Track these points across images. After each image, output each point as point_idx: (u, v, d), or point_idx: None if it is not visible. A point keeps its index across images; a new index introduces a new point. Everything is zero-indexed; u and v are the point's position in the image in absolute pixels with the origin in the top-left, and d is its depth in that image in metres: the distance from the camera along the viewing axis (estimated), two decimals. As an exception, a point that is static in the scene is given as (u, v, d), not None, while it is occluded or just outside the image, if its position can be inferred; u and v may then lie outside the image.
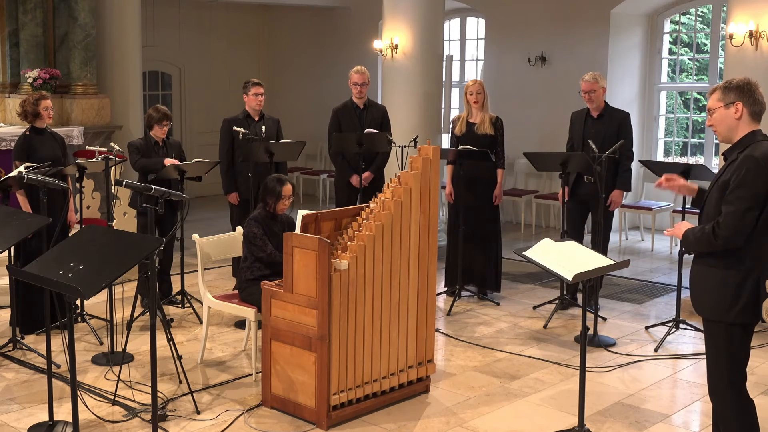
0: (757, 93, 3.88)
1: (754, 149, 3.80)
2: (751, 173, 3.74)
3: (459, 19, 12.44)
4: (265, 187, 5.92)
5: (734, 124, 3.88)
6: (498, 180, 7.53)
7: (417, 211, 5.21)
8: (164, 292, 7.19)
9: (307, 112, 13.24)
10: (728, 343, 3.90)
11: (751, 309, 3.84)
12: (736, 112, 3.87)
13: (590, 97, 7.16)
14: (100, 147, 8.79)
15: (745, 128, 3.88)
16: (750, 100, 3.86)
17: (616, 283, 8.24)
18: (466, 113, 7.54)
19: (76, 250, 4.23)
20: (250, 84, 7.51)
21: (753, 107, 3.87)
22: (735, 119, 3.87)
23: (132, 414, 5.03)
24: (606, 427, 5.01)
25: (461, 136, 7.46)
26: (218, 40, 13.54)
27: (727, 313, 3.85)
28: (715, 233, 3.79)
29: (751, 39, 7.10)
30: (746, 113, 3.87)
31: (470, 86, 7.48)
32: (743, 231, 3.77)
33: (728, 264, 3.84)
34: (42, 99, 6.64)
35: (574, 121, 7.43)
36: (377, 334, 5.08)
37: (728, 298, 3.84)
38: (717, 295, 3.87)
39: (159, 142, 7.14)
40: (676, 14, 11.01)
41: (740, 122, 3.87)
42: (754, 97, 3.87)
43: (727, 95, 3.89)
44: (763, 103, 3.90)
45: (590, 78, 7.17)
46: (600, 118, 7.22)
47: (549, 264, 4.49)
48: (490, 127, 7.43)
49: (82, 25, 9.77)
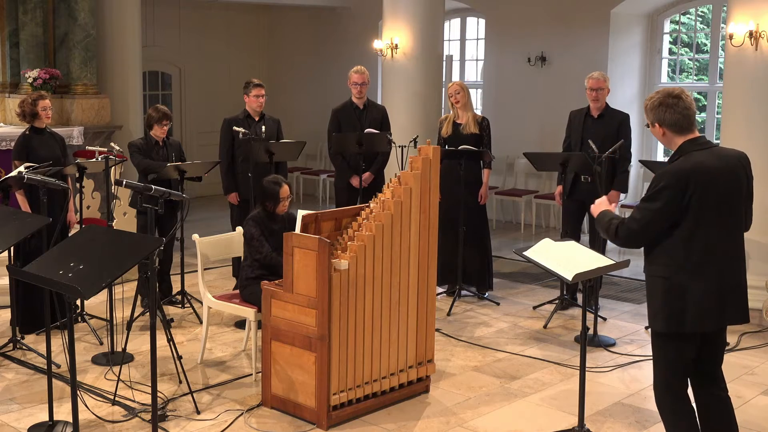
0: (676, 105, 3.83)
1: (679, 163, 3.82)
2: (664, 188, 3.78)
3: (459, 19, 12.44)
4: (262, 190, 5.90)
5: (665, 140, 3.94)
6: (484, 180, 7.54)
7: (417, 211, 5.22)
8: (164, 292, 7.19)
9: (307, 112, 13.25)
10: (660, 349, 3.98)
11: (675, 320, 3.85)
12: (660, 131, 3.91)
13: (597, 96, 7.14)
14: (100, 147, 8.79)
15: (677, 140, 3.90)
16: (668, 116, 3.85)
17: (616, 283, 8.25)
18: (453, 115, 7.59)
19: (76, 250, 4.23)
20: (251, 85, 7.50)
21: (673, 121, 3.85)
22: (662, 136, 3.92)
23: (132, 414, 5.03)
24: (606, 427, 5.01)
25: (448, 137, 7.50)
26: (218, 40, 13.54)
27: (654, 321, 3.93)
28: (617, 232, 3.95)
29: (751, 39, 7.10)
30: (668, 130, 3.89)
31: (450, 87, 7.57)
32: (640, 241, 3.92)
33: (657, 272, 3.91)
34: (40, 99, 6.63)
35: (572, 120, 7.41)
36: (377, 334, 5.08)
37: (656, 306, 3.91)
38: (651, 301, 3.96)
39: (159, 141, 7.14)
40: (676, 14, 11.01)
41: (668, 138, 3.91)
42: (673, 110, 3.84)
43: (648, 116, 3.94)
44: (685, 114, 3.84)
45: (599, 76, 7.17)
46: (600, 118, 7.21)
47: (549, 264, 4.49)
48: (476, 126, 7.46)
49: (82, 25, 9.77)
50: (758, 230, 5.60)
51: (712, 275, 3.83)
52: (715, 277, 3.83)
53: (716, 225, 3.83)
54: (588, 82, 7.19)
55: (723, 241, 3.86)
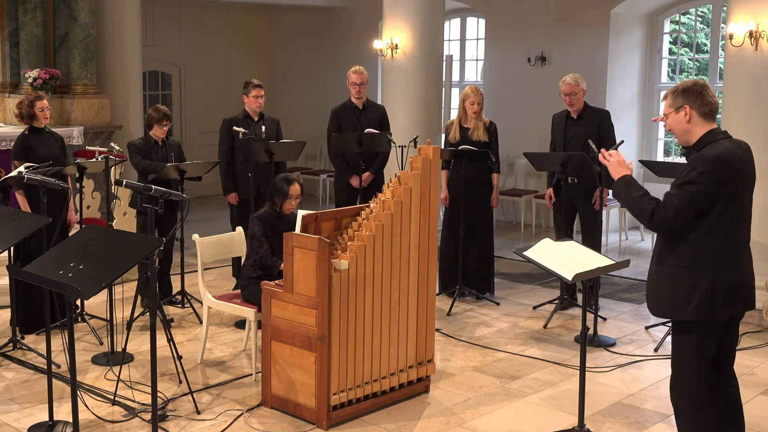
0: (706, 94, 3.93)
1: (710, 149, 3.86)
2: (702, 174, 3.80)
3: (459, 19, 12.44)
4: (273, 186, 5.92)
5: (687, 127, 3.95)
6: (494, 183, 7.53)
7: (417, 211, 5.22)
8: (164, 292, 7.19)
9: (307, 112, 13.25)
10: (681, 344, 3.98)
11: (705, 307, 3.88)
12: (686, 116, 3.93)
13: (570, 101, 7.17)
14: (100, 147, 8.79)
15: (699, 130, 3.94)
16: (698, 102, 3.91)
17: (616, 283, 8.25)
18: (459, 118, 7.53)
19: (76, 250, 4.23)
20: (250, 85, 7.50)
21: (702, 108, 3.92)
22: (686, 123, 3.94)
23: (132, 414, 5.03)
24: (606, 427, 5.01)
25: (456, 143, 7.45)
26: (218, 40, 13.54)
27: (682, 311, 3.91)
28: (652, 216, 3.87)
29: (751, 39, 7.10)
30: (696, 115, 3.92)
31: (471, 96, 7.41)
32: (675, 226, 3.86)
33: (679, 261, 3.90)
34: (37, 100, 6.63)
35: (555, 123, 7.45)
36: (377, 334, 5.08)
37: (682, 296, 3.90)
38: (674, 293, 3.93)
39: (159, 141, 7.14)
40: (676, 14, 11.02)
41: (692, 125, 3.94)
42: (703, 98, 3.92)
43: (675, 100, 3.97)
44: (712, 103, 3.93)
45: (571, 80, 7.13)
46: (580, 118, 7.24)
47: (549, 264, 4.49)
48: (484, 134, 7.43)
49: (82, 25, 9.77)
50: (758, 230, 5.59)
51: (736, 262, 3.91)
52: (738, 264, 3.92)
53: (739, 212, 3.91)
54: (561, 86, 7.19)
55: (743, 229, 3.95)
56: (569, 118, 7.29)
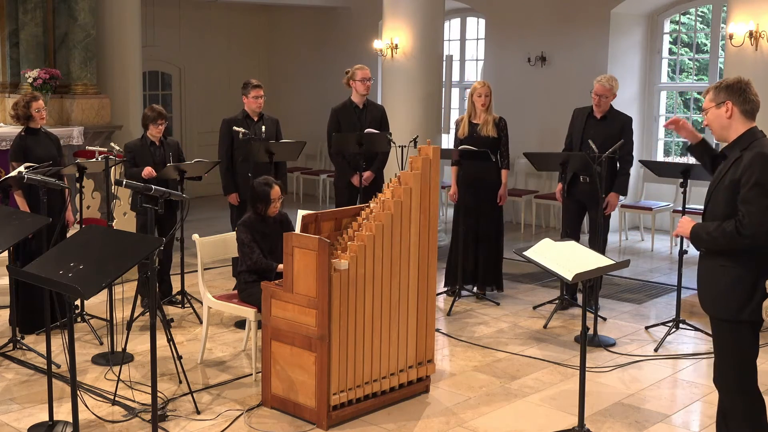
0: (748, 92, 3.91)
1: (762, 147, 3.82)
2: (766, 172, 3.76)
3: (459, 19, 12.44)
4: (254, 192, 5.85)
5: (726, 123, 3.93)
6: (502, 180, 7.51)
7: (417, 211, 5.21)
8: (164, 292, 7.18)
9: (307, 112, 13.24)
10: (737, 342, 3.92)
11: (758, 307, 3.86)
12: (727, 111, 3.91)
13: (599, 102, 7.10)
14: (100, 147, 8.80)
15: (739, 127, 3.92)
16: (741, 99, 3.90)
17: (616, 283, 8.24)
18: (469, 114, 7.52)
19: (76, 250, 4.23)
20: (250, 86, 7.49)
21: (744, 106, 3.90)
22: (726, 118, 3.92)
23: (132, 414, 5.02)
24: (606, 427, 5.01)
25: (465, 138, 7.43)
26: (218, 40, 13.54)
27: (740, 311, 3.86)
28: (739, 231, 3.76)
29: (751, 39, 7.10)
30: (737, 112, 3.90)
31: (479, 88, 7.42)
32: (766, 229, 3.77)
33: (741, 263, 3.85)
34: (33, 101, 6.62)
35: (575, 118, 7.35)
36: (377, 334, 5.08)
37: (743, 296, 3.85)
38: (731, 293, 3.88)
39: (156, 141, 7.13)
40: (676, 14, 11.02)
41: (732, 121, 3.92)
42: (746, 95, 3.90)
43: (718, 95, 3.94)
44: (755, 102, 3.92)
45: (606, 83, 7.06)
46: (603, 119, 7.18)
47: (549, 264, 4.49)
48: (493, 129, 7.41)
49: (82, 25, 9.77)
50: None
51: None
52: None
53: None
54: (594, 86, 7.12)
55: None
56: (592, 117, 7.20)
